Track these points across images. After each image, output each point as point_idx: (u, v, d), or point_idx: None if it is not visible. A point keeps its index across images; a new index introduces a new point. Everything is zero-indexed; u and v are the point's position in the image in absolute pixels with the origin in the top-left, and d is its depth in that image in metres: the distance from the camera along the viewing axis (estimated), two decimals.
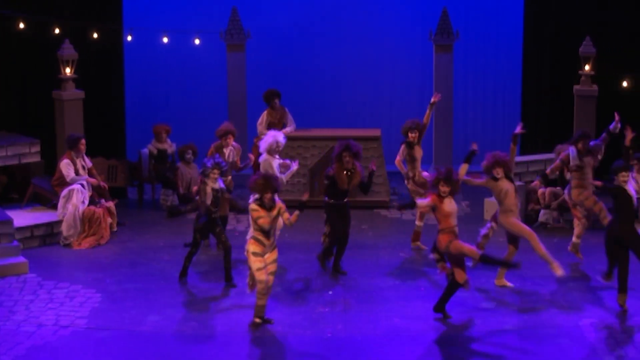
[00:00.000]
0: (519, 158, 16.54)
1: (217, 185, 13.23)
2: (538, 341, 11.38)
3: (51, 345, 11.34)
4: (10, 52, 16.94)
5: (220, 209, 13.56)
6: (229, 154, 15.11)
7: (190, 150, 17.11)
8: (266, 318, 11.95)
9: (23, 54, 16.97)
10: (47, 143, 16.44)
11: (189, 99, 19.78)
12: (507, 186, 12.83)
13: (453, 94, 18.76)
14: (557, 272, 12.67)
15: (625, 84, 16.21)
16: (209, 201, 13.14)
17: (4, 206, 15.47)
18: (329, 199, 13.68)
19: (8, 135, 16.43)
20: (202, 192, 13.16)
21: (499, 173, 12.79)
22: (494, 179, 12.82)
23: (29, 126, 17.03)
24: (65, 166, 15.22)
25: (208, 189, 13.15)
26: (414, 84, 19.86)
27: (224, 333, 11.71)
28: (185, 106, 19.72)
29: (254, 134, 17.57)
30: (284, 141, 14.31)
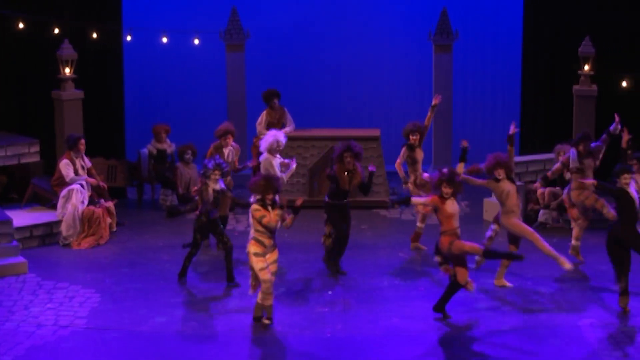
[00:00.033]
0: (518, 158, 16.54)
1: (218, 186, 13.23)
2: (538, 341, 11.37)
3: (50, 345, 11.34)
4: (9, 52, 16.92)
5: (220, 209, 13.55)
6: (228, 154, 15.10)
7: (189, 150, 17.12)
8: (264, 320, 11.94)
9: (22, 54, 16.95)
10: (47, 143, 16.43)
11: (188, 99, 19.78)
12: (509, 187, 12.80)
13: (452, 94, 18.78)
14: (565, 266, 12.67)
15: (624, 84, 16.20)
16: (210, 201, 13.14)
17: (3, 206, 15.46)
18: (330, 200, 13.66)
19: (7, 135, 16.41)
20: (205, 193, 13.14)
21: (500, 174, 12.76)
22: (496, 180, 12.81)
23: (29, 126, 17.02)
24: (65, 166, 15.21)
25: (210, 189, 13.14)
26: (414, 84, 19.86)
27: (223, 333, 11.71)
28: (185, 106, 19.72)
29: (253, 133, 17.57)
30: (284, 140, 14.27)
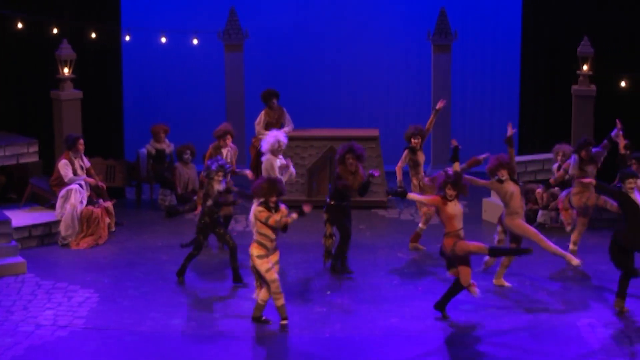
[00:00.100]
0: (516, 158, 16.51)
1: (221, 187, 13.21)
2: (537, 341, 11.37)
3: (49, 345, 11.33)
4: (8, 52, 16.91)
5: (223, 208, 13.53)
6: (227, 154, 15.10)
7: (188, 150, 17.13)
8: (264, 318, 11.95)
9: (21, 53, 16.94)
10: (45, 143, 16.41)
11: (187, 99, 19.77)
12: (513, 188, 12.75)
13: (451, 94, 18.77)
14: (574, 263, 12.68)
15: (623, 84, 16.20)
16: (212, 202, 13.12)
17: (2, 206, 15.46)
18: (332, 201, 13.59)
19: (6, 135, 16.39)
20: (210, 190, 13.09)
21: (503, 175, 12.71)
22: (499, 182, 12.76)
23: (27, 126, 17.00)
24: (64, 166, 15.21)
25: (215, 191, 13.10)
26: (412, 84, 19.86)
27: (223, 333, 11.70)
28: (184, 106, 19.72)
29: (251, 134, 17.57)
30: (285, 140, 14.23)
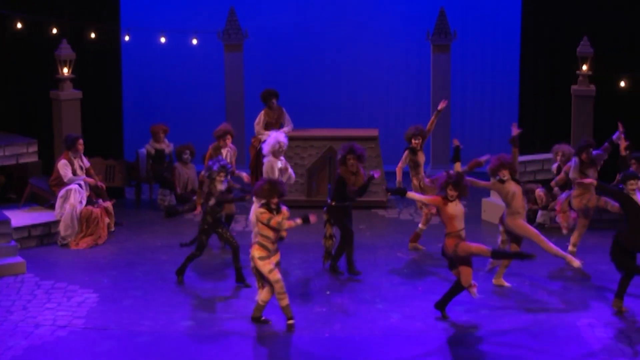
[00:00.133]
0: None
1: (223, 187, 13.19)
2: (537, 341, 11.37)
3: (49, 345, 11.33)
4: (7, 52, 16.91)
5: (226, 207, 13.52)
6: (226, 154, 15.10)
7: (187, 150, 17.13)
8: (264, 319, 11.95)
9: (20, 53, 16.94)
10: (45, 143, 16.41)
11: (186, 99, 19.78)
12: (514, 188, 12.72)
13: (450, 94, 18.77)
14: (574, 264, 12.64)
15: (622, 84, 16.21)
16: (213, 202, 13.10)
17: (1, 206, 15.46)
18: (334, 202, 13.54)
19: (6, 135, 16.39)
20: (213, 189, 13.08)
21: (505, 175, 12.67)
22: (501, 182, 12.72)
23: (27, 126, 17.00)
24: (63, 166, 15.21)
25: (217, 191, 13.08)
26: (412, 84, 19.86)
27: (222, 333, 11.70)
28: (183, 106, 19.72)
29: (251, 133, 17.57)
30: (286, 141, 14.21)
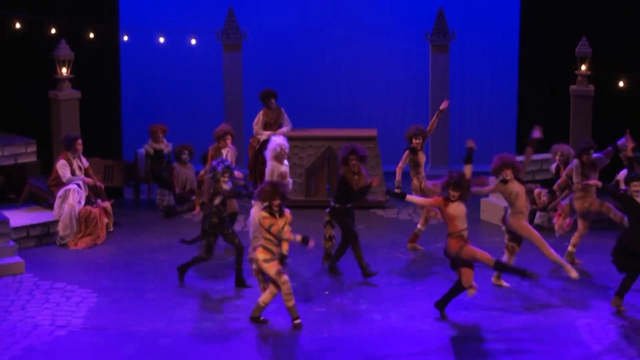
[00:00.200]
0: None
1: (228, 187, 13.17)
2: (536, 341, 11.37)
3: (47, 345, 11.33)
4: (6, 52, 16.89)
5: (229, 206, 13.53)
6: (226, 155, 15.10)
7: (186, 150, 17.13)
8: (262, 319, 11.95)
9: (19, 53, 16.93)
10: (44, 143, 16.41)
11: (185, 99, 19.76)
12: (518, 188, 12.63)
13: (449, 94, 18.77)
14: (572, 275, 12.61)
15: (621, 84, 16.21)
16: (218, 201, 13.08)
17: (0, 206, 15.46)
18: (337, 204, 13.49)
19: (4, 135, 16.39)
20: (220, 189, 13.05)
21: (508, 175, 12.57)
22: (504, 182, 12.63)
23: (25, 126, 16.99)
24: (62, 167, 15.20)
25: (224, 191, 13.05)
26: (410, 84, 19.86)
27: (221, 333, 11.70)
28: (182, 106, 19.71)
29: (250, 133, 17.57)
30: (287, 144, 14.18)
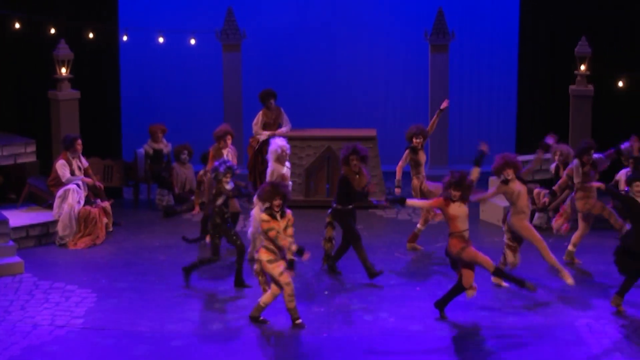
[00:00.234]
0: None
1: (230, 187, 13.16)
2: (535, 341, 11.37)
3: (47, 345, 11.33)
4: (6, 52, 16.90)
5: (231, 206, 13.55)
6: (227, 155, 15.10)
7: (185, 150, 17.13)
8: (262, 318, 11.95)
9: (18, 53, 16.93)
10: (43, 143, 16.41)
11: (184, 99, 19.76)
12: (519, 187, 12.60)
13: (449, 94, 18.77)
14: (568, 281, 12.63)
15: (620, 84, 16.22)
16: (221, 201, 13.08)
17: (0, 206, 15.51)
18: (340, 205, 13.44)
19: (4, 135, 16.40)
20: (223, 189, 13.03)
21: (509, 174, 12.55)
22: (505, 182, 12.57)
23: (25, 126, 16.99)
24: (61, 167, 15.20)
25: (227, 191, 13.05)
26: (410, 84, 19.86)
27: (220, 333, 11.70)
28: (181, 106, 19.71)
29: (249, 134, 17.58)
30: (288, 146, 14.16)
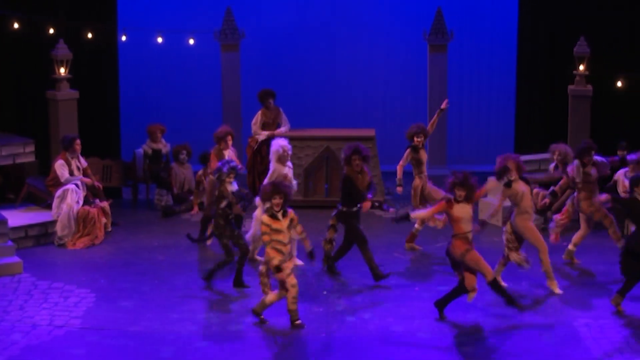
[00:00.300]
0: None
1: (233, 188, 13.15)
2: (534, 341, 11.37)
3: (45, 345, 11.32)
4: (4, 52, 16.89)
5: (234, 208, 13.55)
6: (227, 156, 15.10)
7: (184, 150, 17.12)
8: (262, 317, 11.94)
9: (17, 53, 16.92)
10: (42, 143, 16.42)
11: (183, 99, 19.77)
12: (523, 188, 12.58)
13: (447, 94, 18.78)
14: (555, 291, 12.75)
15: (619, 84, 16.23)
16: (224, 204, 13.06)
17: None
18: (345, 207, 13.39)
19: (2, 135, 16.39)
20: (225, 191, 13.02)
21: (512, 176, 12.54)
22: (508, 185, 12.52)
23: (24, 126, 16.99)
24: (60, 167, 15.20)
25: (229, 192, 13.02)
26: (409, 84, 19.87)
27: (218, 333, 11.70)
28: (180, 106, 19.72)
29: (248, 133, 17.58)
30: (289, 146, 14.14)
